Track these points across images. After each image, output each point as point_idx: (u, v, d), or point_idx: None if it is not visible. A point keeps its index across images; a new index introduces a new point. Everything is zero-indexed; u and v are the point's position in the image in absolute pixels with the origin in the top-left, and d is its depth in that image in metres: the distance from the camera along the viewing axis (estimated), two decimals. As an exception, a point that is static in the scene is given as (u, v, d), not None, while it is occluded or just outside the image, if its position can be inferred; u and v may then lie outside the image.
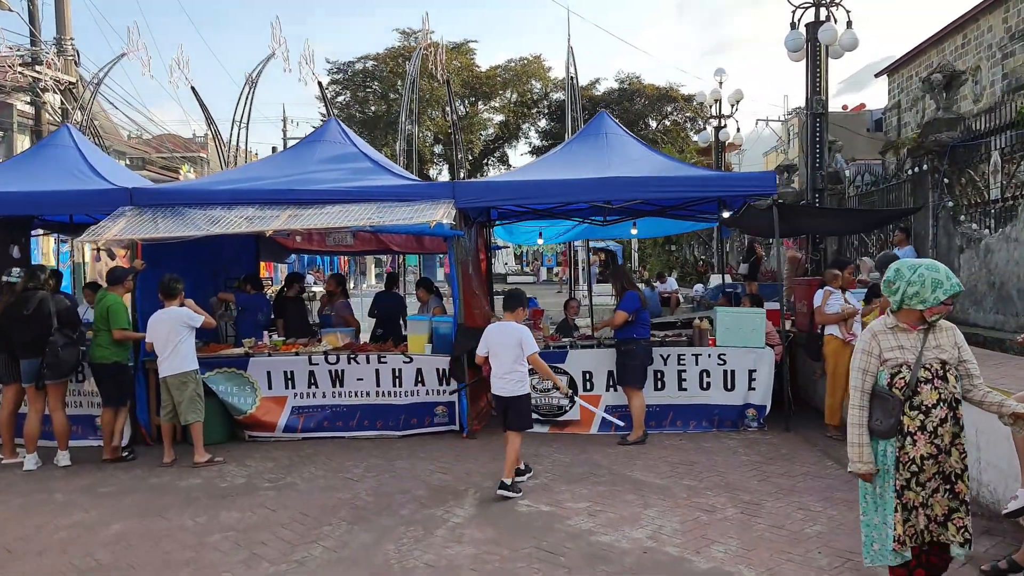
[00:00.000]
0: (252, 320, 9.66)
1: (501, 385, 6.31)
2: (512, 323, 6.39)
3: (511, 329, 6.33)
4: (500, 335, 6.34)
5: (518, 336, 6.29)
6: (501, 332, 6.35)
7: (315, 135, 9.73)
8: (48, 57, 18.96)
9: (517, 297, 6.54)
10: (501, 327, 6.40)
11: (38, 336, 7.70)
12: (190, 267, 9.84)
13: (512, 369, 6.28)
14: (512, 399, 6.31)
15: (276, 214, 8.21)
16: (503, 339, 6.31)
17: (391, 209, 8.07)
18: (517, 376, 6.29)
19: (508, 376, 6.28)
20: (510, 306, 6.48)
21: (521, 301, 6.52)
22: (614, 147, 8.82)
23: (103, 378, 8.00)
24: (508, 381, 6.28)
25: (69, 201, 8.79)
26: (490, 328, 6.52)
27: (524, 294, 6.66)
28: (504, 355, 6.28)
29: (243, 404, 8.50)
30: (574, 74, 13.94)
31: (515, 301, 6.50)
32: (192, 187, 8.98)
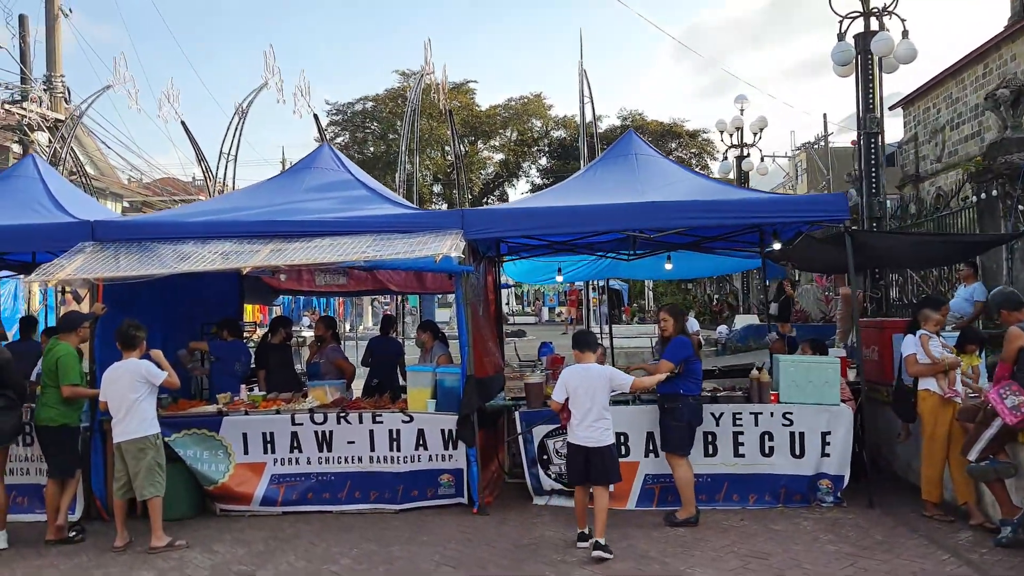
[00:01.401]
0: (228, 371, 8.41)
1: (588, 435, 5.82)
2: (596, 364, 6.04)
3: (598, 371, 5.95)
4: (585, 378, 5.87)
5: (607, 377, 5.93)
6: (586, 375, 5.88)
7: (305, 162, 8.60)
8: (34, 93, 18.05)
9: (590, 337, 6.25)
10: (585, 370, 5.92)
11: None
12: (162, 311, 8.66)
13: (601, 416, 5.84)
14: (601, 449, 5.83)
15: (256, 249, 7.04)
16: (590, 382, 5.85)
17: (390, 242, 6.89)
18: (606, 423, 5.87)
19: (597, 424, 5.82)
20: (586, 346, 6.08)
21: (595, 342, 6.25)
22: (647, 169, 7.67)
23: (48, 443, 6.76)
24: (596, 430, 5.82)
25: (21, 236, 7.61)
26: (571, 371, 5.99)
27: (594, 334, 6.52)
28: (591, 400, 5.82)
29: (214, 472, 7.23)
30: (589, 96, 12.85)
31: (589, 341, 6.17)
32: (162, 219, 7.82)
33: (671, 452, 6.51)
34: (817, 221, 7.00)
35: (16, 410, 6.62)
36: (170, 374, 6.58)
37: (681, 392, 6.50)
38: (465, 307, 7.05)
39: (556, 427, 7.07)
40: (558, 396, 5.97)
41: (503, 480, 7.99)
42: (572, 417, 5.90)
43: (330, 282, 8.81)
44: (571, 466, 6.04)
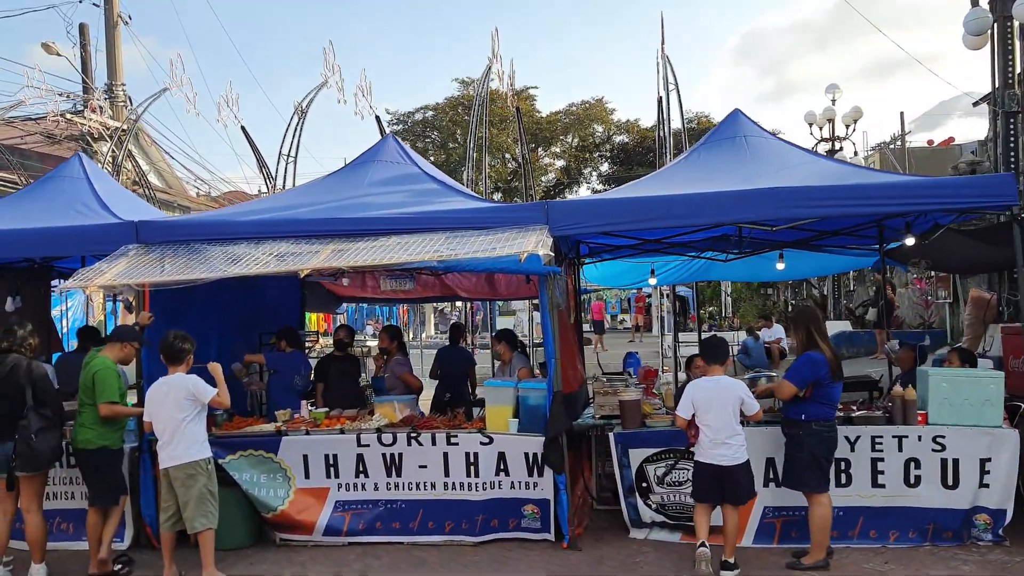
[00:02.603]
0: (287, 385, 7.68)
1: (721, 452, 5.41)
2: (726, 377, 5.59)
3: (728, 385, 5.52)
4: (715, 392, 5.45)
5: (737, 392, 5.49)
6: (716, 388, 5.47)
7: (367, 155, 7.84)
8: (93, 101, 17.86)
9: (720, 347, 5.71)
10: (714, 383, 5.50)
11: (6, 415, 5.86)
12: (217, 321, 8.00)
13: (735, 432, 5.43)
14: (735, 469, 5.42)
15: (316, 249, 6.29)
16: (720, 396, 5.43)
17: (465, 239, 6.06)
18: (740, 440, 5.45)
19: (730, 441, 5.41)
20: (715, 357, 5.61)
21: (726, 352, 5.74)
22: (759, 152, 6.67)
23: (87, 468, 6.09)
24: (730, 447, 5.41)
25: (60, 239, 7.00)
26: (698, 385, 5.58)
27: (726, 343, 5.88)
28: (722, 416, 5.42)
29: (272, 498, 6.48)
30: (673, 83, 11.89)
31: (719, 352, 5.66)
32: (211, 219, 7.14)
33: (800, 488, 5.52)
34: (979, 208, 5.90)
35: (55, 431, 5.97)
36: (221, 392, 5.83)
37: (802, 418, 5.50)
38: (551, 313, 6.17)
39: (657, 451, 6.15)
40: (683, 412, 5.53)
41: (591, 507, 7.06)
42: (701, 434, 5.46)
43: (396, 287, 8.04)
44: (698, 483, 5.60)
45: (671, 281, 10.50)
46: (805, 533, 5.57)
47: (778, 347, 15.61)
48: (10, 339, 6.00)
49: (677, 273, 9.83)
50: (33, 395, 5.87)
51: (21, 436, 5.77)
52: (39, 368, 6.02)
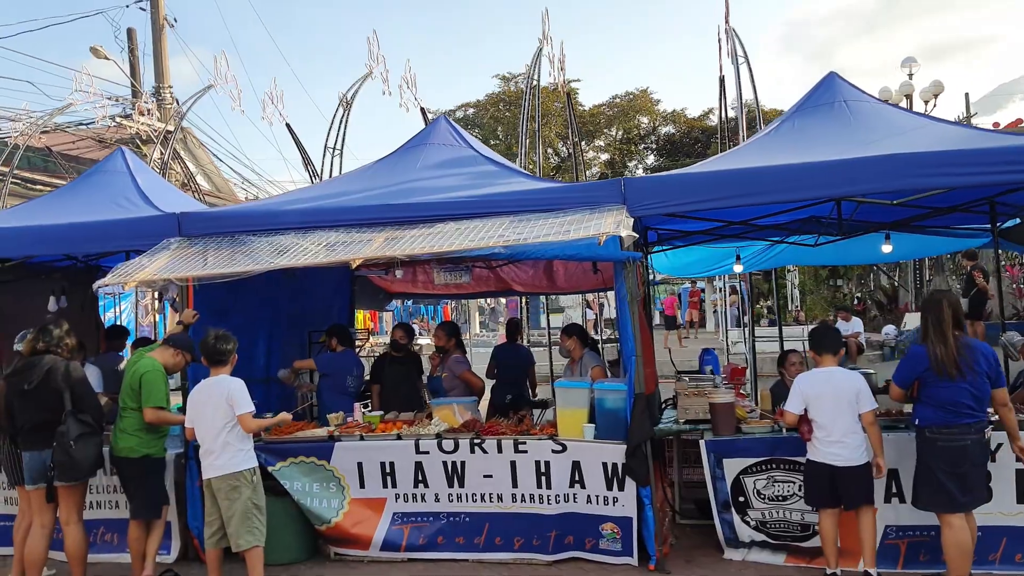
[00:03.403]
0: (339, 386, 7.15)
1: (837, 452, 4.90)
2: (840, 369, 5.09)
3: (844, 376, 5.02)
4: (829, 385, 4.96)
5: (855, 384, 4.96)
6: (829, 381, 4.98)
7: (419, 138, 7.27)
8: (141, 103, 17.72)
9: (831, 336, 5.20)
10: (827, 375, 5.01)
11: (43, 421, 5.43)
12: (265, 319, 7.54)
13: (854, 429, 4.92)
14: (855, 469, 4.90)
15: (368, 238, 5.74)
16: (834, 390, 4.93)
17: (532, 223, 5.44)
18: (859, 438, 4.93)
19: (848, 440, 4.90)
20: (827, 347, 5.10)
21: (839, 341, 5.23)
22: (865, 118, 5.88)
23: (129, 478, 5.64)
24: (847, 446, 4.90)
25: (103, 234, 6.56)
26: (809, 378, 5.09)
27: (838, 332, 5.36)
28: (837, 411, 4.92)
29: (326, 509, 5.96)
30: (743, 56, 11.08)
31: (831, 341, 5.15)
32: (256, 209, 6.64)
33: (913, 505, 4.81)
34: None
35: (94, 438, 5.51)
36: (247, 415, 5.26)
37: (916, 423, 4.80)
38: (630, 306, 5.51)
39: (756, 461, 5.45)
40: (793, 407, 5.04)
41: (674, 521, 6.39)
42: (815, 430, 4.97)
43: (450, 281, 7.45)
44: (811, 485, 5.09)
45: (753, 268, 9.66)
46: (935, 556, 4.83)
47: (855, 342, 14.66)
48: (45, 339, 5.56)
49: (760, 260, 9.02)
50: (72, 399, 5.43)
51: (59, 444, 5.33)
52: (78, 370, 5.58)
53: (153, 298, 13.73)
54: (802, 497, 5.32)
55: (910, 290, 17.64)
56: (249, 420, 5.25)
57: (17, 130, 14.81)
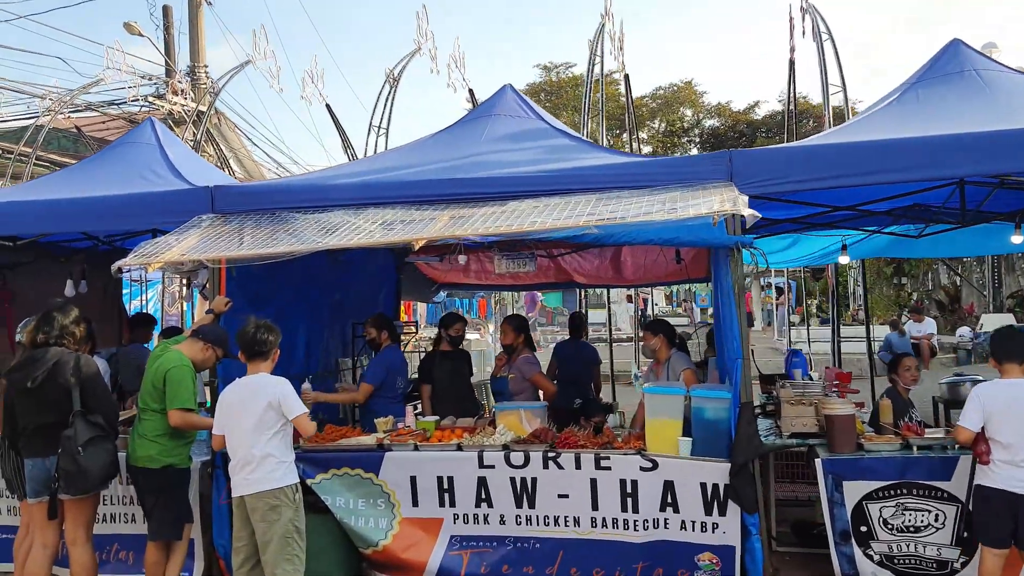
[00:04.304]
0: (386, 387, 6.35)
1: (1019, 477, 4.10)
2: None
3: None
4: (1015, 399, 4.18)
5: None
6: (1016, 395, 4.20)
7: (482, 108, 6.48)
8: (173, 82, 17.11)
9: (1021, 340, 4.33)
10: (1013, 388, 4.22)
11: (48, 423, 4.70)
12: (305, 309, 6.77)
13: None
14: None
15: (431, 216, 4.95)
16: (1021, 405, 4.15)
17: (624, 201, 4.62)
18: None
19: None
20: (1015, 353, 4.27)
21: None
22: (1003, 88, 5.02)
23: (147, 492, 4.88)
24: None
25: (125, 209, 5.83)
26: (990, 389, 4.30)
27: None
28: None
29: (373, 530, 5.17)
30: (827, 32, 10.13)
31: (1021, 346, 4.29)
32: (301, 183, 5.86)
33: None
34: None
35: (106, 443, 4.76)
36: (303, 417, 4.52)
37: None
38: (737, 299, 4.67)
39: (883, 485, 4.59)
40: (971, 423, 4.23)
41: (771, 548, 5.53)
42: (994, 451, 4.21)
43: (512, 269, 6.62)
44: (985, 519, 4.26)
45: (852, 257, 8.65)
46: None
47: (928, 343, 13.68)
48: (46, 329, 4.79)
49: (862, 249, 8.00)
50: (81, 398, 4.69)
51: (65, 450, 4.59)
52: (90, 364, 4.83)
53: (181, 285, 13.04)
54: (939, 528, 4.51)
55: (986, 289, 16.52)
56: (308, 423, 4.51)
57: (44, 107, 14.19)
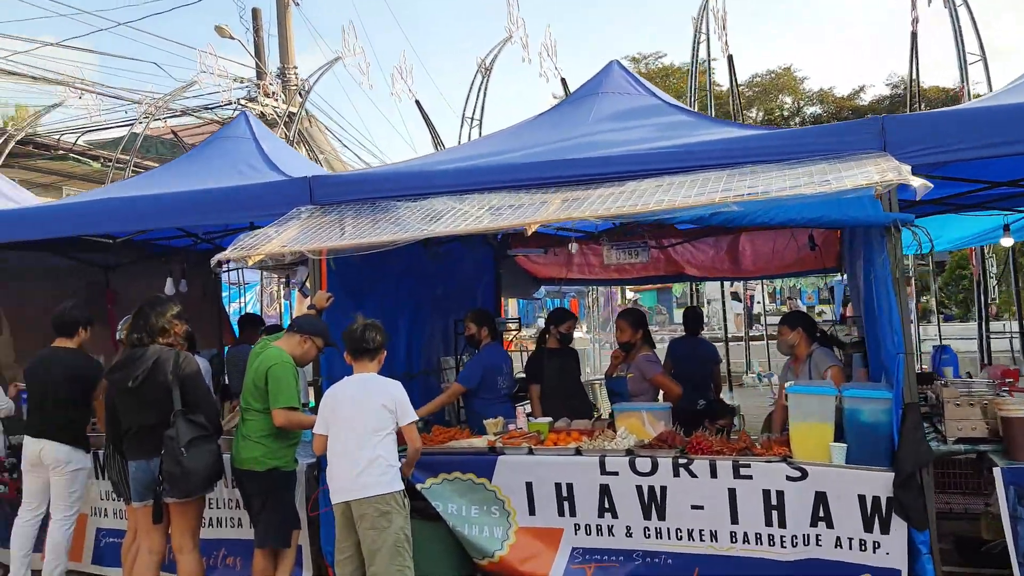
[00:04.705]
0: (490, 387, 5.97)
1: None
2: None
3: None
4: None
5: None
6: None
7: (588, 87, 6.04)
8: (264, 84, 17.27)
9: None
10: None
11: (150, 424, 4.51)
12: (406, 305, 6.48)
13: None
14: None
15: (542, 199, 4.53)
16: None
17: (761, 175, 4.11)
18: None
19: None
20: None
21: None
22: None
23: (253, 496, 4.64)
24: None
25: (221, 202, 5.61)
26: None
27: None
28: None
29: (487, 539, 4.79)
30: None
31: None
32: (402, 170, 5.53)
33: None
34: None
35: (209, 444, 4.54)
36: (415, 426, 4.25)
37: None
38: (895, 286, 4.08)
39: (1083, 498, 3.93)
40: None
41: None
42: None
43: (623, 260, 6.15)
44: None
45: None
46: None
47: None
48: (141, 326, 4.61)
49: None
50: (182, 397, 4.48)
51: (168, 451, 4.39)
52: (190, 362, 4.61)
53: (279, 284, 13.05)
54: None
55: None
56: (416, 433, 4.20)
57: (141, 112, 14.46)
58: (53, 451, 5.15)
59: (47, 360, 5.25)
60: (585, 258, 7.78)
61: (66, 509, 5.22)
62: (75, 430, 5.24)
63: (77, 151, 17.31)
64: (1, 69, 14.23)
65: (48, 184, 18.14)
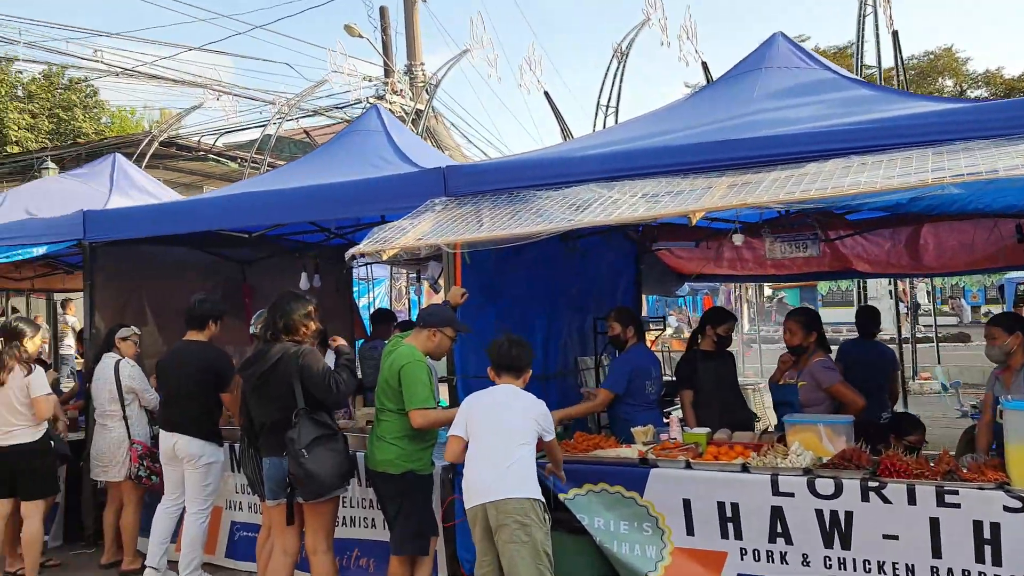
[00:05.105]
0: (637, 391, 5.46)
1: None
2: None
3: None
4: None
5: None
6: None
7: (748, 62, 5.46)
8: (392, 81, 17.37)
9: None
10: None
11: (278, 421, 4.33)
12: (543, 303, 6.09)
13: None
14: None
15: (704, 184, 4.03)
16: None
17: (980, 152, 3.47)
18: None
19: None
20: None
21: None
22: None
23: (388, 498, 4.39)
24: None
25: (353, 195, 5.39)
26: None
27: None
28: None
29: (640, 560, 4.34)
30: None
31: None
32: (542, 157, 5.14)
33: None
34: None
35: (334, 443, 4.32)
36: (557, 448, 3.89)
37: None
38: None
39: None
40: None
41: None
42: None
43: (791, 254, 5.49)
44: None
45: None
46: None
47: None
48: (271, 322, 4.46)
49: None
50: (304, 392, 4.26)
51: (290, 452, 4.19)
52: (312, 358, 4.36)
53: (409, 279, 12.98)
54: None
55: None
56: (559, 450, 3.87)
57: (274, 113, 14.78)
58: (186, 445, 5.12)
59: (178, 354, 5.26)
60: (737, 252, 7.16)
61: (200, 503, 5.18)
62: (207, 423, 5.19)
63: (215, 152, 18.00)
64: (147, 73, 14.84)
65: (189, 184, 18.96)
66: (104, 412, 5.64)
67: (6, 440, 5.27)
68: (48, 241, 6.38)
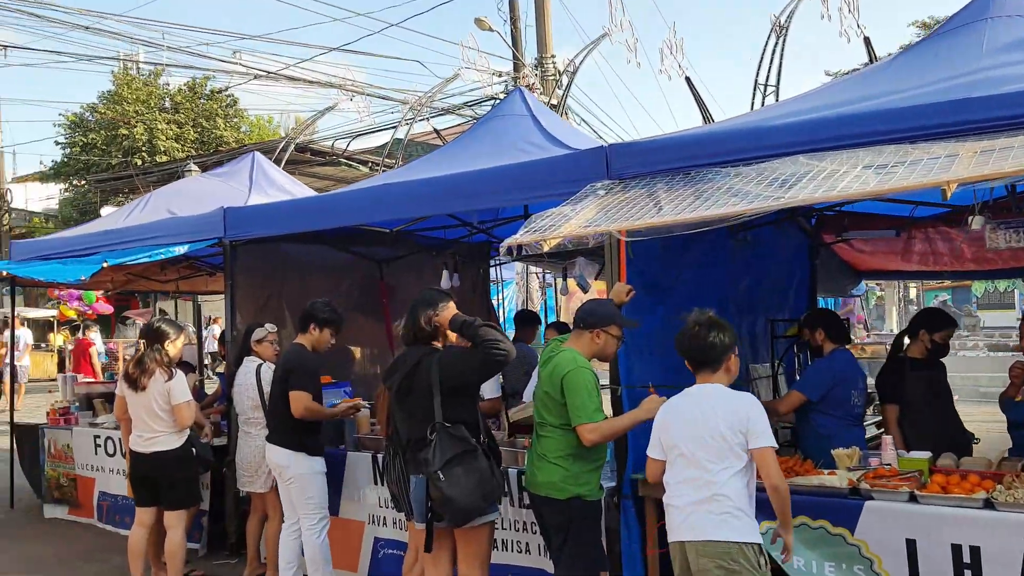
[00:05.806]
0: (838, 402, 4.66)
1: None
2: None
3: None
4: None
5: None
6: None
7: (968, 12, 4.53)
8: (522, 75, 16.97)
9: None
10: None
11: (416, 437, 3.82)
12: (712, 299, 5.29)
13: None
14: None
15: (942, 152, 3.26)
16: None
17: None
18: None
19: None
20: None
21: None
22: None
23: (554, 527, 3.82)
24: None
25: (499, 182, 4.86)
26: None
27: None
28: None
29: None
30: None
31: None
32: (727, 128, 4.44)
33: None
34: None
35: (473, 460, 3.73)
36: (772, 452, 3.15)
37: None
38: None
39: None
40: None
41: None
42: None
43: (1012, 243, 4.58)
44: None
45: None
46: None
47: None
48: (408, 328, 3.96)
49: None
50: (443, 404, 3.74)
51: (426, 474, 3.68)
52: (449, 364, 3.81)
53: (543, 281, 12.47)
54: None
55: None
56: (776, 465, 3.16)
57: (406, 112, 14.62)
58: (272, 456, 4.83)
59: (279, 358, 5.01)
60: (930, 244, 6.20)
61: (309, 517, 4.82)
62: (292, 432, 4.78)
63: (347, 156, 18.14)
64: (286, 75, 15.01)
65: (322, 188, 19.25)
66: (247, 419, 5.35)
67: (148, 447, 5.07)
68: (189, 240, 6.24)
